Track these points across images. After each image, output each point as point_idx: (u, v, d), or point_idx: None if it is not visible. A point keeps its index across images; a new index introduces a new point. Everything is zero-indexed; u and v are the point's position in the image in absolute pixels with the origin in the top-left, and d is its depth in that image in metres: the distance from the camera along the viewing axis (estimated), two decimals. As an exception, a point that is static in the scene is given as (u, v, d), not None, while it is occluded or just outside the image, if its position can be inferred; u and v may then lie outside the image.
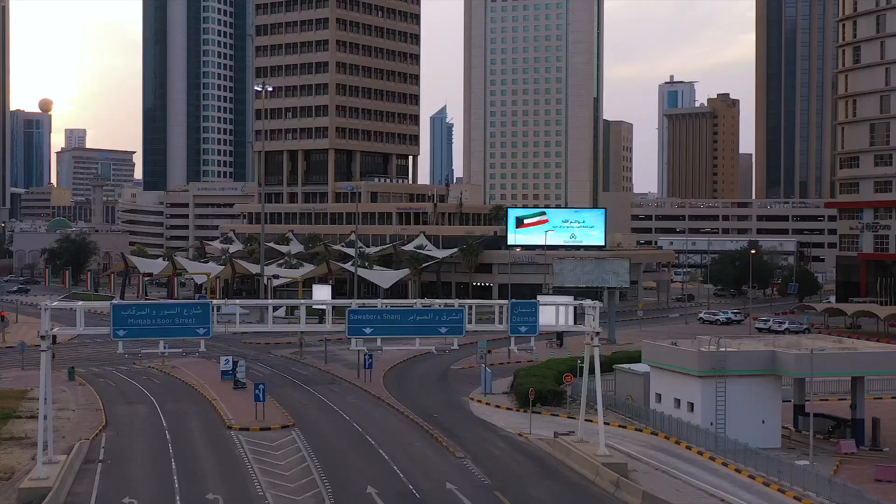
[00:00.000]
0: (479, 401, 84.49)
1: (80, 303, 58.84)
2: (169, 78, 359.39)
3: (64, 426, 73.23)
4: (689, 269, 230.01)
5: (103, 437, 69.92)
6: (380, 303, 60.67)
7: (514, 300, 61.82)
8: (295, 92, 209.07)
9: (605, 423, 63.60)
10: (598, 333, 61.90)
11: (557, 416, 77.71)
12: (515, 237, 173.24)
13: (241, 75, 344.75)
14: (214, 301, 58.57)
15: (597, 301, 62.75)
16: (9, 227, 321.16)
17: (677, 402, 71.26)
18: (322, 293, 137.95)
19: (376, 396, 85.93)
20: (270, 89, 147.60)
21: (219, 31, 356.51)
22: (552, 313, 65.52)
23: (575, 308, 68.04)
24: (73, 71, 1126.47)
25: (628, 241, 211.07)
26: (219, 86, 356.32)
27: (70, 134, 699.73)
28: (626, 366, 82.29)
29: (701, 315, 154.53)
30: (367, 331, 58.63)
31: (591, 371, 64.85)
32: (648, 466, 61.28)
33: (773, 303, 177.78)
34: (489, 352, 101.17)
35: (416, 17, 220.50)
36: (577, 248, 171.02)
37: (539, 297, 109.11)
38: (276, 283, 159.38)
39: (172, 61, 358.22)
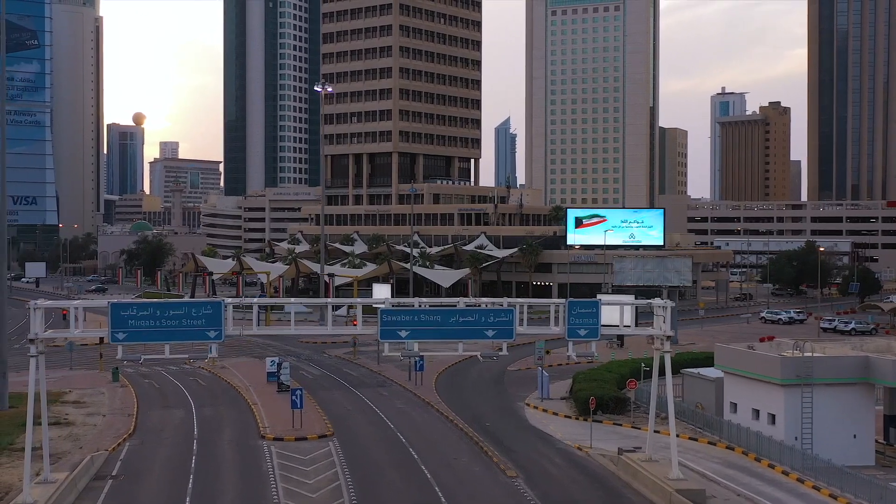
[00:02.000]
0: (536, 407, 72.33)
1: (77, 302, 48.04)
2: (248, 90, 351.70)
3: (87, 434, 62.74)
4: (745, 269, 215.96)
5: (126, 447, 59.25)
6: (417, 302, 48.69)
7: (571, 299, 49.54)
8: (360, 97, 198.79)
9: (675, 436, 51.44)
10: (669, 337, 49.60)
11: (620, 425, 65.48)
12: (575, 237, 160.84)
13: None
14: (227, 300, 47.27)
15: (668, 300, 50.36)
16: (99, 231, 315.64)
17: (756, 412, 58.68)
18: (381, 292, 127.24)
19: (426, 401, 74.15)
20: (330, 90, 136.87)
21: (294, 46, 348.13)
22: (614, 314, 53.53)
23: (636, 308, 55.87)
24: (170, 90, 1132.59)
25: (686, 242, 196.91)
26: (294, 97, 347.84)
27: (164, 146, 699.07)
28: (695, 370, 69.64)
29: (762, 314, 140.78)
30: (403, 334, 46.90)
31: (660, 375, 52.68)
32: (728, 491, 48.79)
33: (834, 302, 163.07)
34: (547, 352, 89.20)
35: (478, 24, 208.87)
36: (636, 247, 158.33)
37: (599, 297, 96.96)
38: (338, 282, 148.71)
39: (251, 75, 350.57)
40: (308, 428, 63.14)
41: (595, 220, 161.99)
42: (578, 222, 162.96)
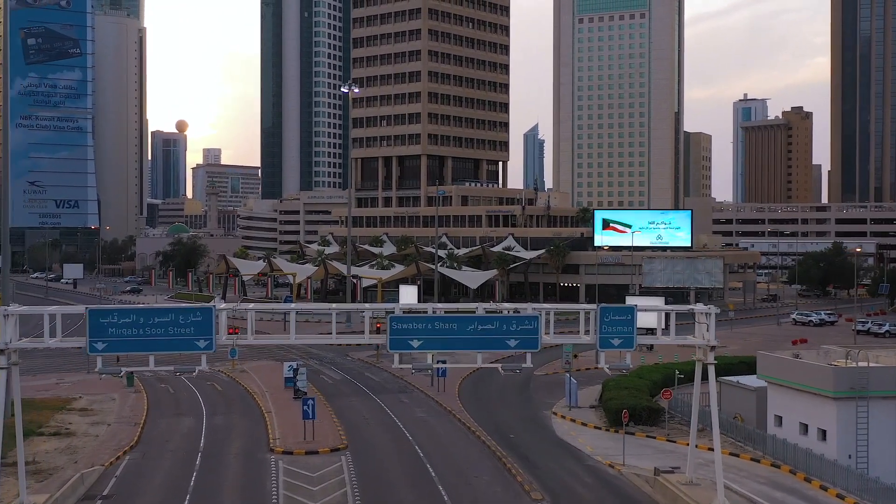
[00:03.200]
0: (563, 416, 65.15)
1: (53, 307, 41.55)
2: (284, 97, 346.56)
3: (86, 446, 56.28)
4: (770, 271, 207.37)
5: (125, 461, 52.72)
6: (431, 308, 41.74)
7: (604, 305, 42.33)
8: (389, 101, 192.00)
9: (712, 450, 44.17)
10: (713, 347, 42.46)
11: (653, 437, 58.20)
12: (602, 238, 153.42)
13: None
14: (220, 305, 40.63)
15: (711, 306, 43.15)
16: (140, 234, 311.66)
17: (804, 427, 51.36)
18: (408, 293, 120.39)
19: (447, 409, 67.18)
20: (357, 91, 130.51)
21: (329, 54, 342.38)
22: (646, 318, 46.48)
23: (666, 313, 48.57)
24: (215, 99, 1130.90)
25: (714, 243, 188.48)
26: (329, 103, 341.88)
27: (207, 153, 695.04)
28: (733, 378, 62.15)
29: (793, 316, 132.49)
30: (415, 343, 40.01)
31: (703, 379, 45.56)
32: (780, 520, 41.59)
33: (863, 303, 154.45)
34: (575, 356, 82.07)
35: (506, 28, 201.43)
36: (664, 248, 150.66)
37: (628, 299, 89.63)
38: (365, 283, 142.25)
39: (287, 83, 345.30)
40: (321, 440, 56.49)
41: (621, 227, 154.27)
42: (605, 224, 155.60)
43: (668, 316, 45.41)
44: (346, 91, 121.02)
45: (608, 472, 50.20)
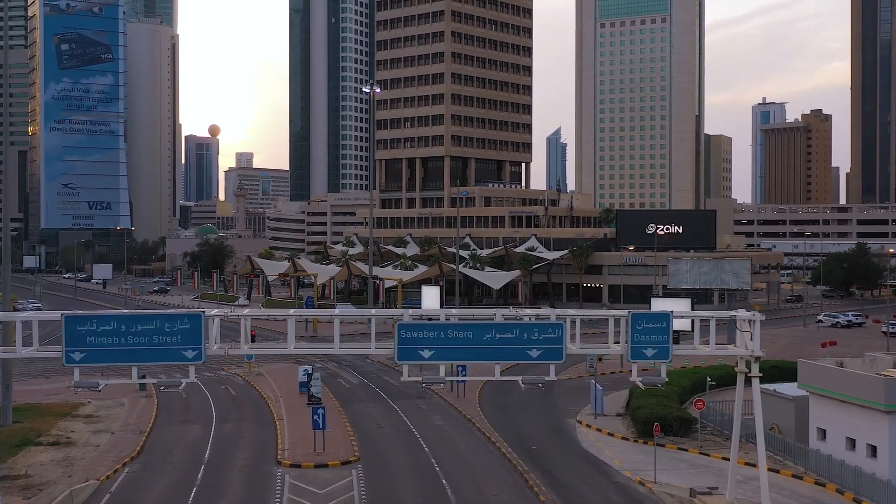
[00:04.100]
0: (589, 425, 59.74)
1: (26, 313, 36.71)
2: (312, 102, 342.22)
3: (85, 457, 51.45)
4: (792, 271, 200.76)
5: (122, 475, 47.89)
6: (444, 314, 36.60)
7: (635, 311, 36.80)
8: (413, 102, 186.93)
9: (750, 465, 38.77)
10: (758, 359, 37.02)
11: (686, 450, 52.68)
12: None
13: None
14: (210, 311, 35.61)
15: (755, 312, 37.70)
16: (172, 235, 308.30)
17: (851, 442, 45.76)
18: (431, 294, 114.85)
19: (467, 417, 61.95)
20: (378, 90, 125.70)
21: (355, 59, 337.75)
22: (679, 324, 41.17)
23: (698, 320, 43.09)
24: (249, 105, 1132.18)
25: (736, 244, 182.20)
26: (355, 107, 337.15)
27: (240, 157, 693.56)
28: (770, 386, 56.34)
29: (819, 317, 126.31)
30: (426, 354, 34.88)
31: (744, 383, 40.08)
32: (833, 551, 36.13)
33: (890, 304, 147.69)
34: (599, 360, 76.75)
35: (529, 31, 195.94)
36: (687, 249, 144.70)
37: (653, 301, 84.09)
38: (388, 284, 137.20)
39: (315, 87, 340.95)
40: (332, 451, 51.44)
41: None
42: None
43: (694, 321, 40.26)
44: (369, 91, 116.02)
45: (638, 490, 44.84)
